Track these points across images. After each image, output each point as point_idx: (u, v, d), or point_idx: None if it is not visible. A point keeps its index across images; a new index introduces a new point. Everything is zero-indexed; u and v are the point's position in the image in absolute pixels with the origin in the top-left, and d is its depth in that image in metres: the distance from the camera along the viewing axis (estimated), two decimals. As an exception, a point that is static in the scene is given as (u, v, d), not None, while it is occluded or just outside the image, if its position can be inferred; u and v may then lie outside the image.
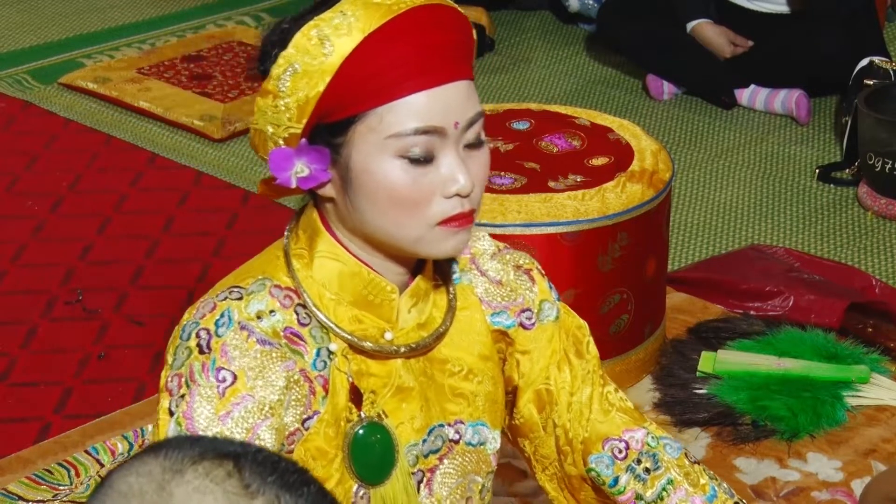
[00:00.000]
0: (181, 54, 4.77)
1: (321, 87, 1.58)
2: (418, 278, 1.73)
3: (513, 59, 4.95)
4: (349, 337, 1.68)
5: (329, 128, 1.61)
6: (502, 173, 3.02)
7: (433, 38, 1.60)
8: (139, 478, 1.02)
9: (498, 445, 1.83)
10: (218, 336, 1.63)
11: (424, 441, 1.75)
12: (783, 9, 4.52)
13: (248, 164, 4.15)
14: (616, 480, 1.86)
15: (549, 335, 1.85)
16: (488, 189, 2.96)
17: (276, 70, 1.59)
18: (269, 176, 1.68)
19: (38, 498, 2.76)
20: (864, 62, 4.26)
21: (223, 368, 1.62)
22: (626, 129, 3.19)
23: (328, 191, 1.65)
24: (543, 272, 1.88)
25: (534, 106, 3.34)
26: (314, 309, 1.67)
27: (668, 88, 4.59)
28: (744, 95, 4.51)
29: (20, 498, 2.75)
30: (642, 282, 3.05)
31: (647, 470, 1.86)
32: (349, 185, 1.63)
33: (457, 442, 1.78)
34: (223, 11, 5.27)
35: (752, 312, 3.33)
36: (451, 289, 1.78)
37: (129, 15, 5.25)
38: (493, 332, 1.82)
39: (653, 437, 1.88)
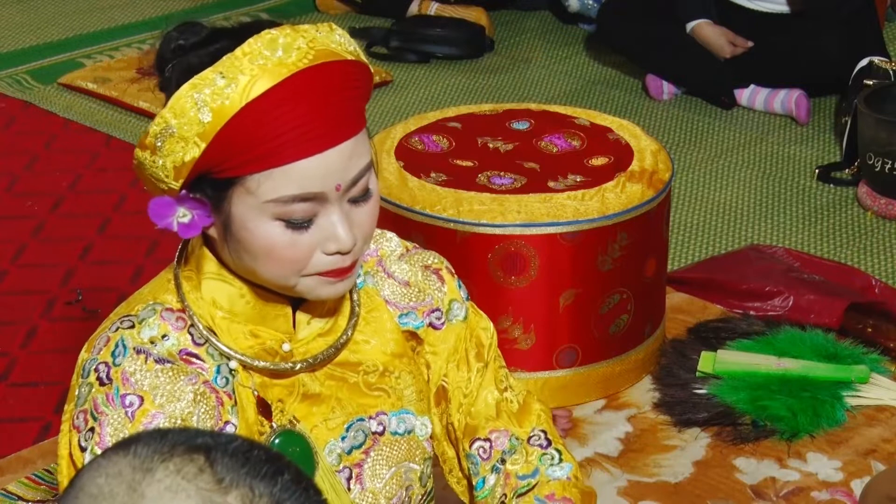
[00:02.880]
0: (181, 54, 4.77)
1: (196, 153, 1.54)
2: None
3: (513, 59, 4.95)
4: (241, 357, 1.67)
5: (209, 182, 1.57)
6: (502, 173, 3.02)
7: (319, 101, 1.54)
8: (109, 479, 0.99)
9: (429, 430, 1.82)
10: (116, 366, 1.63)
11: (344, 438, 1.74)
12: (783, 9, 4.52)
13: (247, 164, 4.15)
14: (483, 482, 1.85)
15: (456, 334, 1.84)
16: (489, 189, 2.96)
17: (153, 128, 1.56)
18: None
19: (38, 498, 2.76)
20: (864, 62, 4.26)
21: (128, 394, 1.62)
22: (625, 129, 3.19)
23: (211, 231, 1.63)
24: (453, 271, 1.86)
25: (533, 106, 3.34)
26: (204, 331, 1.66)
27: (667, 88, 4.59)
28: (743, 95, 4.51)
29: (20, 498, 2.76)
30: (642, 282, 3.05)
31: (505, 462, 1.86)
32: (229, 234, 1.61)
33: (381, 433, 1.77)
34: (223, 11, 5.27)
35: (751, 312, 3.33)
36: (354, 295, 1.76)
37: (129, 15, 5.25)
38: (402, 333, 1.81)
39: (516, 439, 1.87)
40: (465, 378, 1.85)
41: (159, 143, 1.56)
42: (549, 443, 1.87)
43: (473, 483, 1.86)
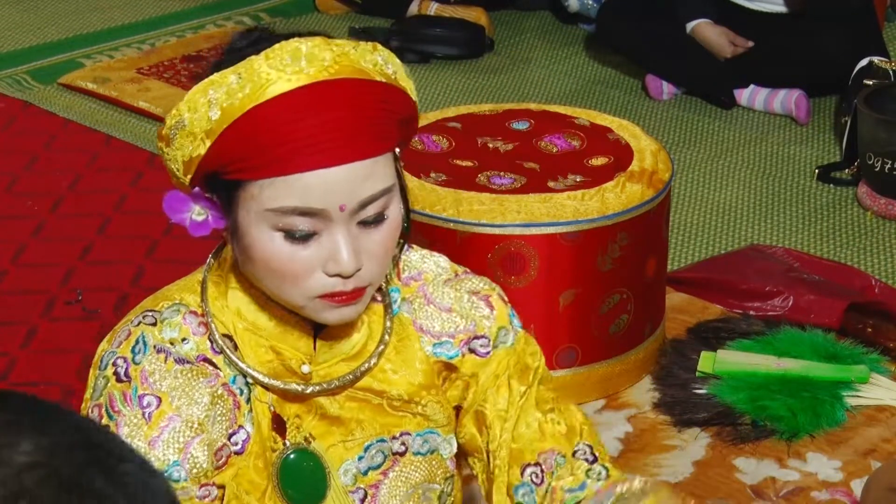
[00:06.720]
0: (181, 54, 4.77)
1: (202, 150, 1.53)
2: None
3: (512, 59, 4.95)
4: (255, 375, 1.65)
5: (221, 182, 1.56)
6: (502, 173, 3.02)
7: (331, 115, 1.50)
8: None
9: (454, 449, 1.78)
10: (136, 364, 1.62)
11: (361, 458, 1.71)
12: (783, 9, 4.52)
13: (247, 164, 4.15)
14: None
15: (498, 360, 1.77)
16: (489, 189, 2.96)
17: (168, 120, 1.55)
18: None
19: (38, 498, 2.76)
20: (864, 62, 4.26)
21: (146, 394, 1.61)
22: (625, 129, 3.19)
23: (226, 236, 1.61)
24: (506, 299, 1.79)
25: (533, 106, 3.34)
26: (220, 342, 1.64)
27: (667, 88, 4.59)
28: (743, 95, 4.51)
29: (20, 498, 2.75)
30: (642, 282, 3.05)
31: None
32: (236, 239, 1.58)
33: (403, 454, 1.74)
34: (223, 11, 5.27)
35: (751, 312, 3.33)
36: (387, 321, 1.72)
37: (128, 15, 5.25)
38: (434, 363, 1.75)
39: (560, 455, 1.77)
40: (504, 403, 1.77)
41: (172, 135, 1.56)
42: (596, 458, 1.78)
43: None
